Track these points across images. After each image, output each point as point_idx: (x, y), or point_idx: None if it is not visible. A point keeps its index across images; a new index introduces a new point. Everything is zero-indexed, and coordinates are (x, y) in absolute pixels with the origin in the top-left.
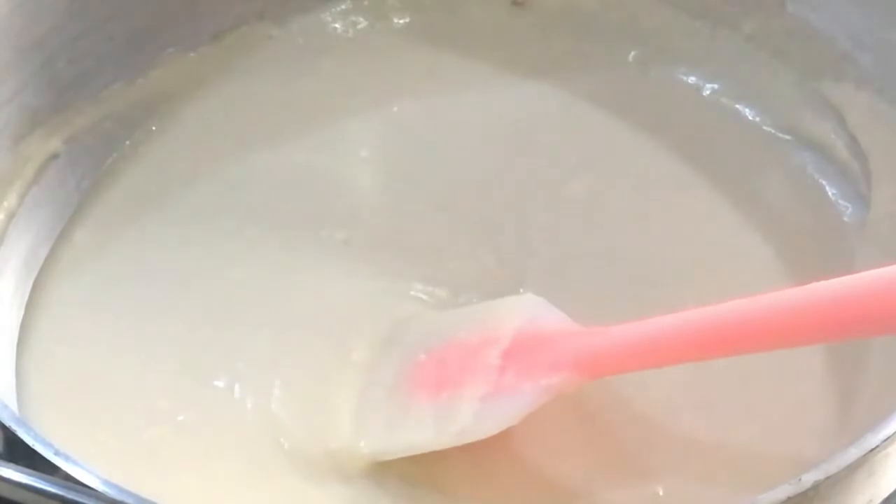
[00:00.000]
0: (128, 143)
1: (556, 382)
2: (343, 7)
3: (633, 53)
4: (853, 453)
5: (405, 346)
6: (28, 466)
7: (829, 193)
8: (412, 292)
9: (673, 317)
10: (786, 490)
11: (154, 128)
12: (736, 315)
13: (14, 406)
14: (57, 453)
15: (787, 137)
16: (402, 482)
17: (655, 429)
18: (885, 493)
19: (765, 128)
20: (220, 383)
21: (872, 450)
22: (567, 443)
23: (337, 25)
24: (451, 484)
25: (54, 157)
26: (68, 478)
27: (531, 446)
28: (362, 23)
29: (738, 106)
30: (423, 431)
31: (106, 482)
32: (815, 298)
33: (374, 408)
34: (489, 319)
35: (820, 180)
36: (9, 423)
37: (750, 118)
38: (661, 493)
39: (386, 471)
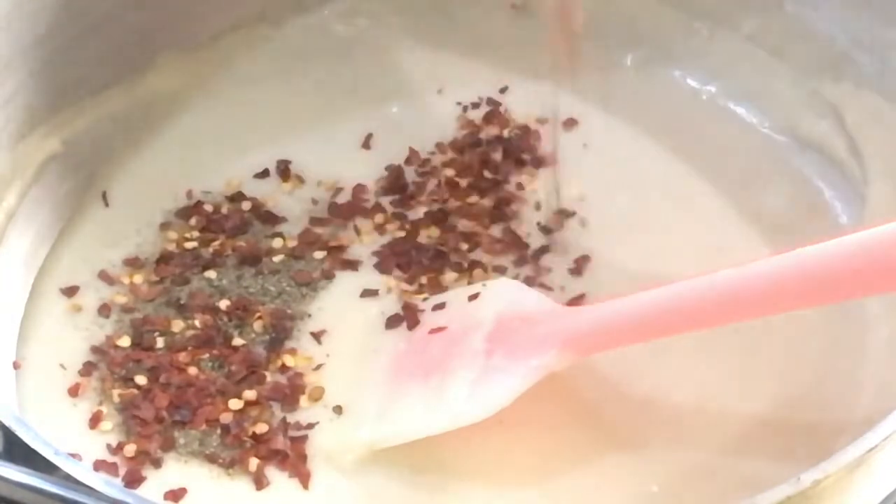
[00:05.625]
0: (127, 142)
1: (545, 361)
2: (343, 7)
3: (631, 54)
4: (853, 452)
5: (387, 338)
6: (27, 466)
7: (827, 195)
8: (410, 293)
9: (659, 290)
10: (785, 490)
11: (153, 128)
12: (721, 284)
13: (14, 406)
14: (57, 453)
15: (786, 139)
16: (403, 469)
17: (652, 428)
18: (884, 493)
19: (763, 129)
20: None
21: (872, 448)
22: (564, 442)
23: (336, 26)
24: (453, 469)
25: (54, 157)
26: (68, 477)
27: (531, 439)
28: (362, 23)
29: (736, 107)
30: (416, 418)
31: (106, 482)
32: (798, 263)
33: (367, 398)
34: (467, 305)
35: (817, 182)
36: (9, 422)
37: (748, 119)
38: (656, 490)
39: (387, 459)
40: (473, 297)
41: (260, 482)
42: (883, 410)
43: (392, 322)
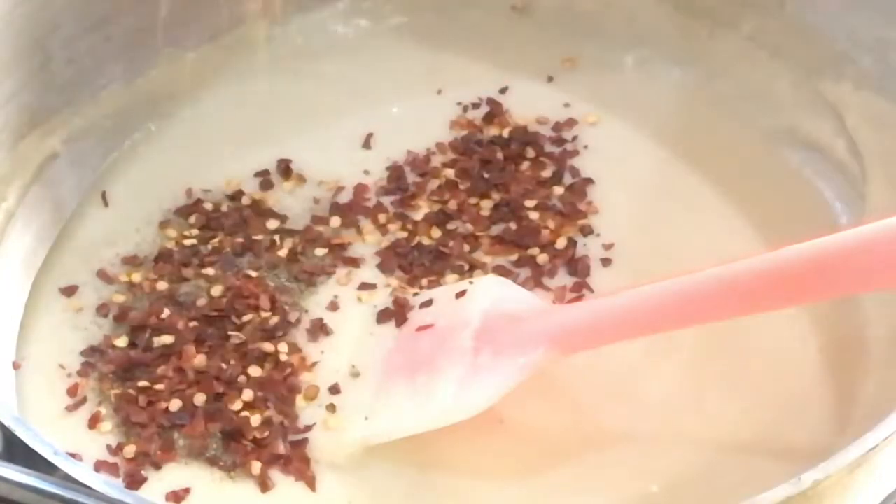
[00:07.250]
0: (127, 143)
1: (533, 359)
2: (343, 7)
3: (631, 54)
4: (853, 453)
5: (381, 336)
6: (27, 466)
7: (827, 195)
8: (409, 295)
9: (648, 287)
10: (785, 489)
11: (153, 128)
12: (710, 281)
13: (14, 406)
14: (56, 453)
15: (786, 138)
16: (406, 468)
17: (652, 428)
18: (884, 493)
19: (763, 129)
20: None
21: (872, 449)
22: (564, 441)
23: (337, 26)
24: (456, 468)
25: (53, 156)
26: (67, 477)
27: (531, 439)
28: (362, 23)
29: (736, 106)
30: (405, 416)
31: (105, 482)
32: (793, 257)
33: (359, 396)
34: (454, 302)
35: (817, 182)
36: (8, 422)
37: (748, 119)
38: (655, 490)
39: (390, 459)
40: (461, 294)
41: (265, 485)
42: (883, 410)
43: (382, 317)
